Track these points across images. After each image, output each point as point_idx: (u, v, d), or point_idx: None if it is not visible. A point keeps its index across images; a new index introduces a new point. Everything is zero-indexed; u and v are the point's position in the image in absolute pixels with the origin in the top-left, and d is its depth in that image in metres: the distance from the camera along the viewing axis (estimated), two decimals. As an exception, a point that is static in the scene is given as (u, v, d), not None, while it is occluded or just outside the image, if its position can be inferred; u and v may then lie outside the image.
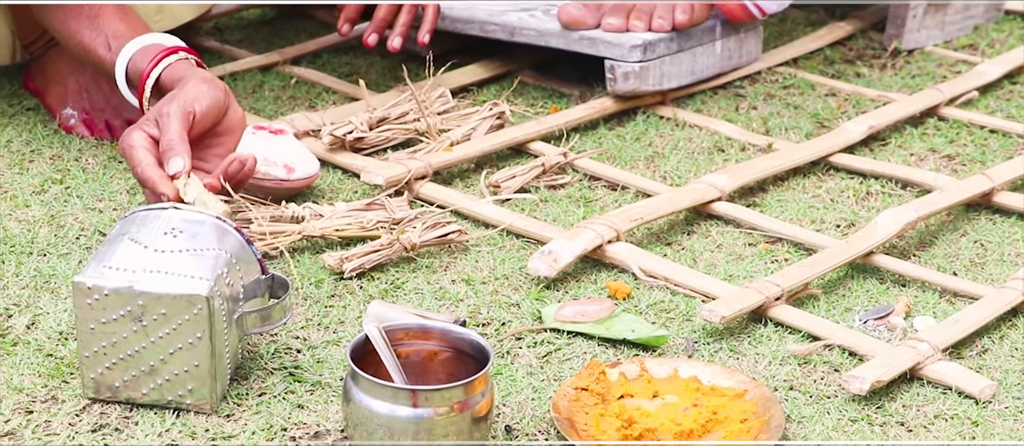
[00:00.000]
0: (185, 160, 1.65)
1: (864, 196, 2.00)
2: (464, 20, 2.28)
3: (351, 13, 2.21)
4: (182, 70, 1.77)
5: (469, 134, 2.07)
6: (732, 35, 2.30)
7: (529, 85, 2.30)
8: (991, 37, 2.49)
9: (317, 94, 2.24)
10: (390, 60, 2.35)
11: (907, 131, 2.18)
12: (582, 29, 2.21)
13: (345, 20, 2.21)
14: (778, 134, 2.17)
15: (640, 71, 2.18)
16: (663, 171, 2.05)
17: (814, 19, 2.56)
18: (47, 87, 2.10)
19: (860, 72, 2.38)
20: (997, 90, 2.32)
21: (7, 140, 2.03)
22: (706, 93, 2.29)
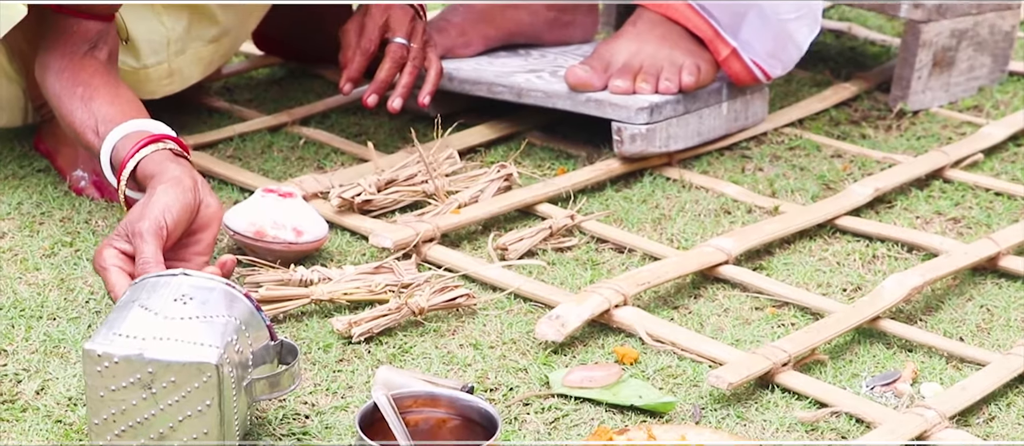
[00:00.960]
0: None
1: (870, 259, 2.01)
2: (472, 81, 2.29)
3: (354, 72, 2.22)
4: (156, 165, 1.79)
5: (477, 196, 2.08)
6: (738, 97, 2.31)
7: (536, 146, 2.31)
8: (995, 98, 2.51)
9: (326, 155, 2.25)
10: (398, 121, 2.37)
11: (913, 193, 2.19)
12: (589, 91, 2.22)
13: (347, 79, 2.21)
14: (784, 196, 2.18)
15: (647, 133, 2.19)
16: (670, 233, 2.06)
17: (820, 80, 2.57)
18: (58, 149, 2.12)
19: (866, 133, 2.39)
20: (1002, 152, 2.33)
21: (17, 202, 2.05)
22: (712, 154, 2.30)
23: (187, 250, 1.77)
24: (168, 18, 2.15)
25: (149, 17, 2.13)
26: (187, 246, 1.78)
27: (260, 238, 1.90)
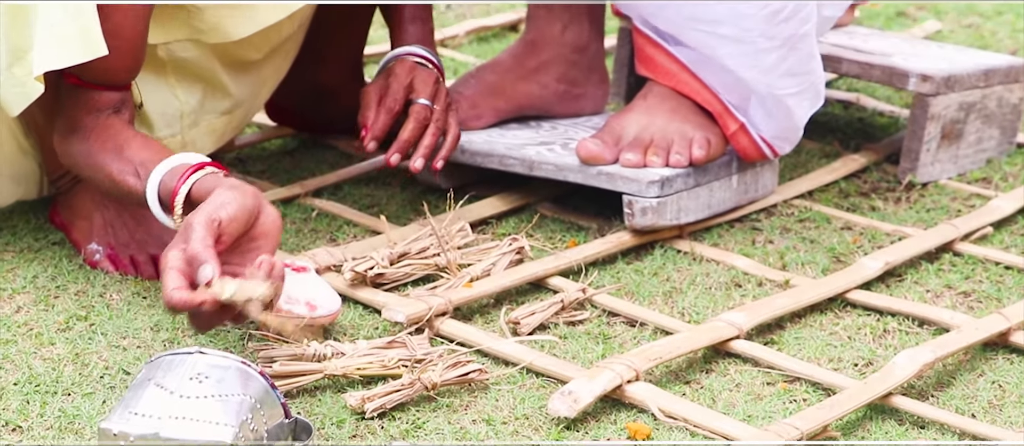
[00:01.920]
0: (212, 266, 1.67)
1: (881, 334, 2.01)
2: (483, 154, 2.31)
3: (378, 131, 2.20)
4: (210, 183, 1.81)
5: (489, 270, 2.09)
6: (748, 169, 2.32)
7: (548, 217, 2.32)
8: (1004, 171, 2.52)
9: (338, 227, 2.26)
10: (411, 192, 2.38)
11: (923, 267, 2.20)
12: (600, 164, 2.23)
13: (372, 137, 2.20)
14: (795, 269, 2.19)
15: (658, 206, 2.20)
16: (681, 307, 2.07)
17: (829, 150, 2.58)
18: (72, 221, 2.13)
19: (875, 205, 2.40)
20: (1011, 225, 2.34)
21: (33, 275, 2.06)
22: (723, 226, 2.31)
23: (247, 257, 1.77)
24: (182, 91, 2.17)
25: (163, 90, 2.15)
26: (247, 252, 1.77)
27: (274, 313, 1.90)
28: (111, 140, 1.92)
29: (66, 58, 1.88)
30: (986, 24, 3.15)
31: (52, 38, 1.88)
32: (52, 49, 1.88)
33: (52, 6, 1.88)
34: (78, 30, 1.87)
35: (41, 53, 1.88)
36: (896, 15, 3.20)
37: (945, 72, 2.43)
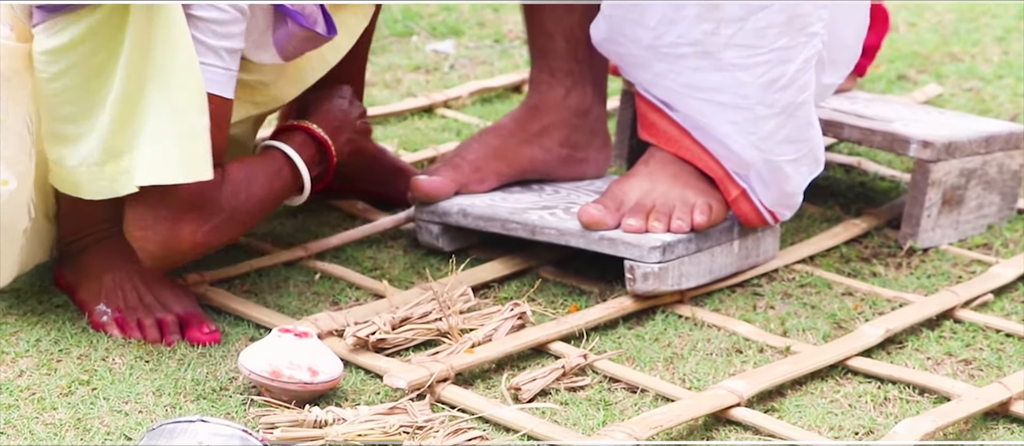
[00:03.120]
0: None
1: (882, 402, 2.02)
2: (486, 218, 2.32)
3: None
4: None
5: (490, 335, 2.10)
6: (750, 235, 2.33)
7: (549, 281, 2.33)
8: (1005, 236, 2.53)
9: (341, 290, 2.27)
10: (413, 255, 2.39)
11: (924, 333, 2.21)
12: (602, 230, 2.24)
13: None
14: (796, 335, 2.19)
15: (659, 272, 2.21)
16: (682, 373, 2.07)
17: (830, 215, 2.59)
18: (79, 282, 2.14)
19: (876, 271, 2.40)
20: (1012, 292, 2.34)
21: (36, 339, 2.06)
22: (724, 291, 2.32)
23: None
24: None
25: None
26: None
27: (276, 378, 1.91)
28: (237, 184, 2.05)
29: (170, 175, 1.95)
30: (987, 88, 3.16)
31: (158, 154, 1.94)
32: (157, 164, 1.94)
33: (163, 118, 1.94)
34: (186, 152, 1.94)
35: (146, 165, 1.94)
36: (897, 78, 3.22)
37: (946, 138, 2.44)
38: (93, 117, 1.96)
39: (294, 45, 2.11)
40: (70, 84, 1.95)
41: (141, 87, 1.94)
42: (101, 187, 1.99)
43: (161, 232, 1.99)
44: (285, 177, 2.17)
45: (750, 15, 2.18)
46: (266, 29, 2.10)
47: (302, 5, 2.10)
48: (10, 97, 1.96)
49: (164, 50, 1.93)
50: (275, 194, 2.15)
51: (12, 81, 1.96)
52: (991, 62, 3.31)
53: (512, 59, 3.26)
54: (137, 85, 1.94)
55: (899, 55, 3.33)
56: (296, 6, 2.08)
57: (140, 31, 1.92)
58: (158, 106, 1.94)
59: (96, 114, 1.96)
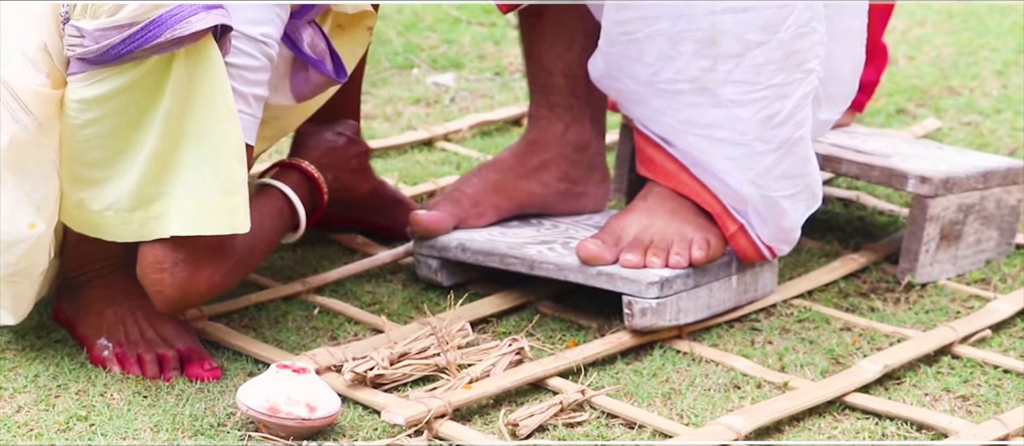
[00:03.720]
0: None
1: (880, 438, 2.02)
2: (485, 252, 2.32)
3: None
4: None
5: (488, 370, 2.10)
6: (748, 270, 2.34)
7: (548, 316, 2.33)
8: (1003, 272, 2.53)
9: (339, 325, 2.27)
10: (412, 289, 2.39)
11: (921, 369, 2.21)
12: (600, 265, 2.25)
13: None
14: (794, 370, 2.19)
15: (657, 307, 2.21)
16: (680, 408, 2.07)
17: (828, 250, 2.60)
18: (80, 316, 2.14)
19: (874, 306, 2.41)
20: (1010, 328, 2.34)
21: (34, 374, 2.07)
22: (722, 326, 2.32)
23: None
24: None
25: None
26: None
27: (274, 414, 1.92)
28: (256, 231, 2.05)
29: (212, 227, 1.97)
30: (985, 122, 3.17)
31: (199, 205, 1.96)
32: (199, 215, 1.97)
33: (202, 170, 1.96)
34: (228, 205, 1.97)
35: (186, 215, 1.96)
36: (897, 112, 3.23)
37: (944, 174, 2.45)
38: (122, 163, 1.97)
39: (310, 89, 2.18)
40: (102, 131, 1.96)
41: (179, 140, 1.96)
42: (128, 231, 2.00)
43: (179, 276, 2.00)
44: (285, 216, 2.20)
45: (747, 52, 2.19)
46: (285, 75, 2.16)
47: (313, 44, 2.12)
48: (42, 142, 1.97)
49: (205, 104, 1.94)
50: (278, 234, 2.19)
51: (44, 125, 1.97)
52: (990, 96, 3.31)
53: (513, 92, 3.27)
54: (175, 138, 1.95)
55: (898, 89, 3.34)
56: (312, 49, 2.11)
57: (181, 85, 1.94)
58: (197, 159, 1.96)
59: (127, 161, 1.97)
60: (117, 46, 1.90)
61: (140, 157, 1.96)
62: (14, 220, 1.98)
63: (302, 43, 2.14)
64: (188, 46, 1.91)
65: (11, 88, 1.95)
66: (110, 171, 1.98)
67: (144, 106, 1.94)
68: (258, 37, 2.03)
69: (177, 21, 1.89)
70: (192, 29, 1.90)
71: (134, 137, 1.96)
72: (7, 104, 1.95)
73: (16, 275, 2.02)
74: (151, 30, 1.89)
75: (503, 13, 2.42)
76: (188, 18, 1.90)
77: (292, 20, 2.12)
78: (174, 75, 1.93)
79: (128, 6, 1.89)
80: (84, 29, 1.91)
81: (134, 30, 1.89)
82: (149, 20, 1.89)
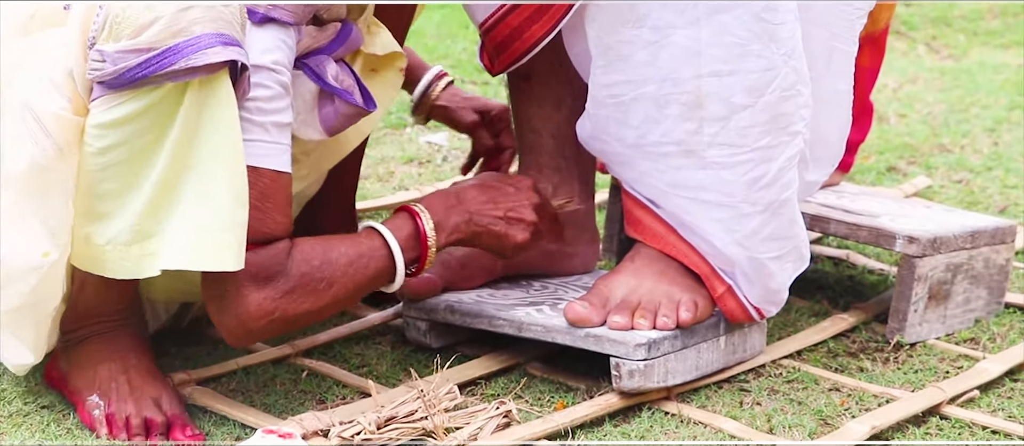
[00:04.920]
0: None
1: (867, 500, 2.02)
2: (473, 314, 2.32)
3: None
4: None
5: (475, 434, 2.10)
6: (736, 330, 2.34)
7: (536, 377, 2.33)
8: (992, 331, 2.53)
9: (328, 388, 2.27)
10: (401, 352, 2.39)
11: (910, 430, 2.21)
12: (588, 327, 2.25)
13: None
14: (782, 432, 2.19)
15: (645, 369, 2.21)
16: (667, 472, 2.07)
17: (818, 309, 2.60)
18: (72, 372, 2.14)
19: (863, 366, 2.41)
20: (999, 388, 2.34)
21: (20, 440, 2.07)
22: (711, 387, 2.32)
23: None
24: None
25: None
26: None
27: (259, 479, 1.92)
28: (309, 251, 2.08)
29: (195, 262, 1.97)
30: (976, 180, 3.18)
31: (189, 241, 1.97)
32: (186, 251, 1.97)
33: (197, 205, 1.97)
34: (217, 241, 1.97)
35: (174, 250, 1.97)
36: (887, 170, 3.24)
37: (932, 233, 2.45)
38: (129, 196, 1.99)
39: (340, 121, 2.19)
40: (115, 160, 1.98)
41: (181, 172, 1.97)
42: (124, 267, 2.00)
43: (229, 303, 2.04)
44: (379, 257, 2.15)
45: (732, 115, 2.20)
46: (312, 108, 2.17)
47: (339, 77, 2.14)
48: (60, 168, 1.99)
49: (210, 137, 1.96)
50: (367, 273, 2.13)
51: (64, 151, 1.98)
52: (981, 154, 3.32)
53: (504, 151, 3.28)
54: (178, 169, 1.97)
55: (889, 146, 3.35)
56: (338, 82, 2.14)
57: (191, 116, 1.96)
58: (196, 193, 1.97)
59: (133, 194, 1.98)
60: (134, 69, 1.93)
61: (144, 189, 1.98)
62: (29, 247, 1.99)
63: (326, 76, 2.15)
64: (202, 77, 1.94)
65: (34, 111, 1.97)
66: (118, 203, 1.99)
67: (156, 134, 1.96)
68: (269, 65, 2.04)
69: (193, 51, 1.93)
70: (206, 60, 1.93)
71: (143, 168, 1.97)
72: (29, 127, 1.97)
73: (30, 308, 2.02)
74: (167, 57, 1.92)
75: (493, 76, 2.44)
76: (204, 50, 1.93)
77: (316, 55, 2.15)
78: (186, 105, 1.95)
79: (149, 30, 1.93)
80: (106, 52, 1.94)
81: (151, 55, 1.92)
82: (167, 47, 1.92)
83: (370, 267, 2.14)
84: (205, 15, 1.94)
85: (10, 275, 2.00)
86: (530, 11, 2.28)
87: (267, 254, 2.04)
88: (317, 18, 2.14)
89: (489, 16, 2.31)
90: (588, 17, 2.25)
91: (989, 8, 4.42)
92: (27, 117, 1.97)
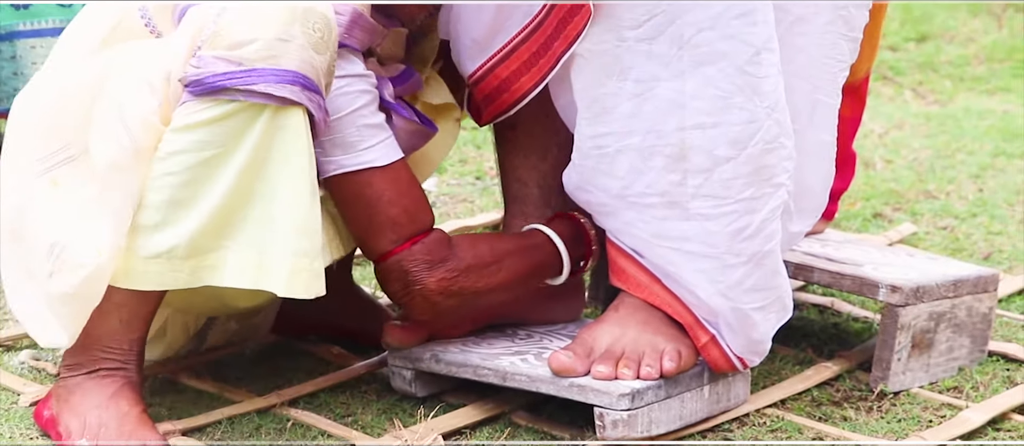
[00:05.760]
0: None
1: None
2: (458, 364, 2.33)
3: None
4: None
5: (459, 485, 2.11)
6: (720, 379, 2.35)
7: (521, 426, 2.34)
8: (975, 380, 2.54)
9: (313, 437, 2.28)
10: (386, 401, 2.40)
11: (892, 480, 2.22)
12: (572, 376, 2.26)
13: None
14: (765, 482, 2.20)
15: (628, 419, 2.22)
16: (651, 522, 2.08)
17: (802, 357, 2.61)
18: (63, 413, 2.15)
19: (847, 415, 2.42)
20: (981, 437, 2.35)
21: (5, 490, 2.08)
22: (694, 436, 2.33)
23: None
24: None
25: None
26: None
27: (243, 531, 1.92)
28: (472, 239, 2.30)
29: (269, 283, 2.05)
30: (961, 226, 3.19)
31: (258, 260, 2.05)
32: (254, 270, 2.05)
33: (267, 224, 2.04)
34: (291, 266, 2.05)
35: (239, 267, 2.05)
36: (873, 216, 3.25)
37: (914, 282, 2.47)
38: (183, 209, 2.03)
39: (405, 139, 2.25)
40: (177, 167, 2.02)
41: (247, 198, 2.03)
42: (177, 278, 2.05)
43: (412, 292, 2.24)
44: (545, 252, 2.35)
45: (716, 167, 2.22)
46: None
47: (398, 101, 2.26)
48: (133, 169, 2.04)
49: (280, 167, 2.03)
50: (528, 256, 2.33)
51: (140, 155, 2.04)
52: (966, 200, 3.34)
53: (493, 197, 3.30)
54: (243, 196, 2.03)
55: (875, 193, 3.37)
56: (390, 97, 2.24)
57: (261, 143, 2.02)
58: (264, 217, 2.04)
59: (187, 207, 2.03)
60: (218, 76, 2.00)
61: (203, 208, 2.03)
62: (88, 242, 2.04)
63: (384, 93, 2.23)
64: (276, 106, 2.01)
65: (123, 110, 2.04)
66: (168, 215, 2.03)
67: (222, 151, 2.02)
68: (362, 72, 2.18)
69: (275, 80, 2.00)
70: (282, 94, 2.00)
71: (202, 183, 2.02)
72: (115, 126, 2.03)
73: (72, 299, 2.06)
74: (251, 75, 1.99)
75: (480, 125, 2.46)
76: (284, 84, 2.00)
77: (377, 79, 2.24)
78: (256, 130, 2.02)
79: (245, 47, 2.00)
80: (202, 56, 2.02)
81: (238, 69, 1.99)
82: (253, 67, 2.00)
83: (535, 257, 2.33)
84: (297, 55, 2.02)
85: (69, 262, 2.04)
86: (519, 63, 2.30)
87: (431, 240, 2.24)
88: (378, 58, 2.24)
89: (478, 68, 2.33)
90: (575, 69, 2.27)
91: (974, 54, 4.45)
92: (116, 115, 2.03)
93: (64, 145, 2.10)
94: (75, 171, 2.09)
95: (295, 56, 2.02)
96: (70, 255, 2.04)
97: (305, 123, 2.04)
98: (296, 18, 2.02)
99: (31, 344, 2.44)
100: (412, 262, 2.23)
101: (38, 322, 2.12)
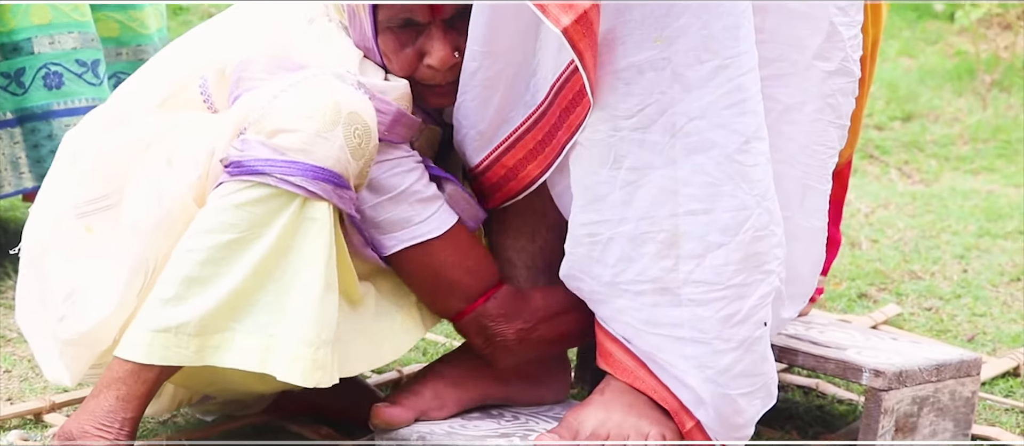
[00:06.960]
0: None
1: None
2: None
3: None
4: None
5: None
6: (705, 465, 2.36)
7: (507, 508, 2.35)
8: (959, 464, 2.56)
9: (299, 518, 2.29)
10: (372, 481, 2.41)
11: None
12: (558, 460, 2.27)
13: None
14: None
15: (614, 503, 2.23)
16: None
17: (787, 440, 2.62)
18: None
19: (831, 499, 2.43)
20: (964, 522, 2.37)
21: None
22: (680, 519, 2.34)
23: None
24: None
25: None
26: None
27: None
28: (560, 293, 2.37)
29: (272, 367, 2.08)
30: (945, 307, 3.22)
31: (266, 344, 2.08)
32: (261, 353, 2.08)
33: (278, 311, 2.08)
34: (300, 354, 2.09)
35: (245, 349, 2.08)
36: (858, 297, 3.28)
37: (897, 367, 2.49)
38: (198, 287, 2.06)
39: (461, 208, 2.32)
40: (197, 246, 2.07)
41: (264, 283, 2.08)
42: (181, 355, 2.07)
43: (495, 345, 2.35)
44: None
45: (708, 253, 2.24)
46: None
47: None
48: (157, 237, 2.10)
49: (301, 257, 2.08)
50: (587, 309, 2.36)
51: (165, 226, 2.10)
52: (951, 280, 3.37)
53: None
54: (261, 280, 2.08)
55: (860, 273, 3.39)
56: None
57: (286, 232, 2.07)
58: (275, 303, 2.08)
59: (203, 286, 2.06)
60: (259, 161, 2.05)
61: (219, 289, 2.06)
62: (99, 291, 2.10)
63: (430, 165, 2.30)
64: (306, 197, 2.06)
65: (160, 177, 2.11)
66: (184, 291, 2.06)
67: (246, 235, 2.06)
68: (408, 153, 2.25)
69: (310, 175, 2.05)
70: (315, 189, 2.06)
71: (222, 264, 2.06)
72: (151, 190, 2.10)
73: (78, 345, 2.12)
74: (289, 166, 2.05)
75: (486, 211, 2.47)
76: (320, 181, 2.06)
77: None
78: (283, 218, 2.06)
79: (287, 135, 2.06)
80: (247, 139, 2.07)
81: (278, 158, 2.05)
82: (292, 159, 2.05)
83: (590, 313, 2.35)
84: (335, 154, 2.07)
85: (79, 310, 2.10)
86: (524, 152, 2.33)
87: (502, 295, 2.35)
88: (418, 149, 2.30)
89: (483, 159, 2.35)
90: (574, 158, 2.30)
91: (960, 134, 4.49)
92: (155, 181, 2.10)
93: (104, 194, 2.17)
94: (109, 221, 2.16)
95: (332, 155, 2.07)
96: (82, 304, 2.11)
97: (331, 218, 2.09)
98: (340, 120, 2.08)
99: (20, 424, 2.45)
100: (488, 318, 2.34)
101: (46, 357, 2.19)
